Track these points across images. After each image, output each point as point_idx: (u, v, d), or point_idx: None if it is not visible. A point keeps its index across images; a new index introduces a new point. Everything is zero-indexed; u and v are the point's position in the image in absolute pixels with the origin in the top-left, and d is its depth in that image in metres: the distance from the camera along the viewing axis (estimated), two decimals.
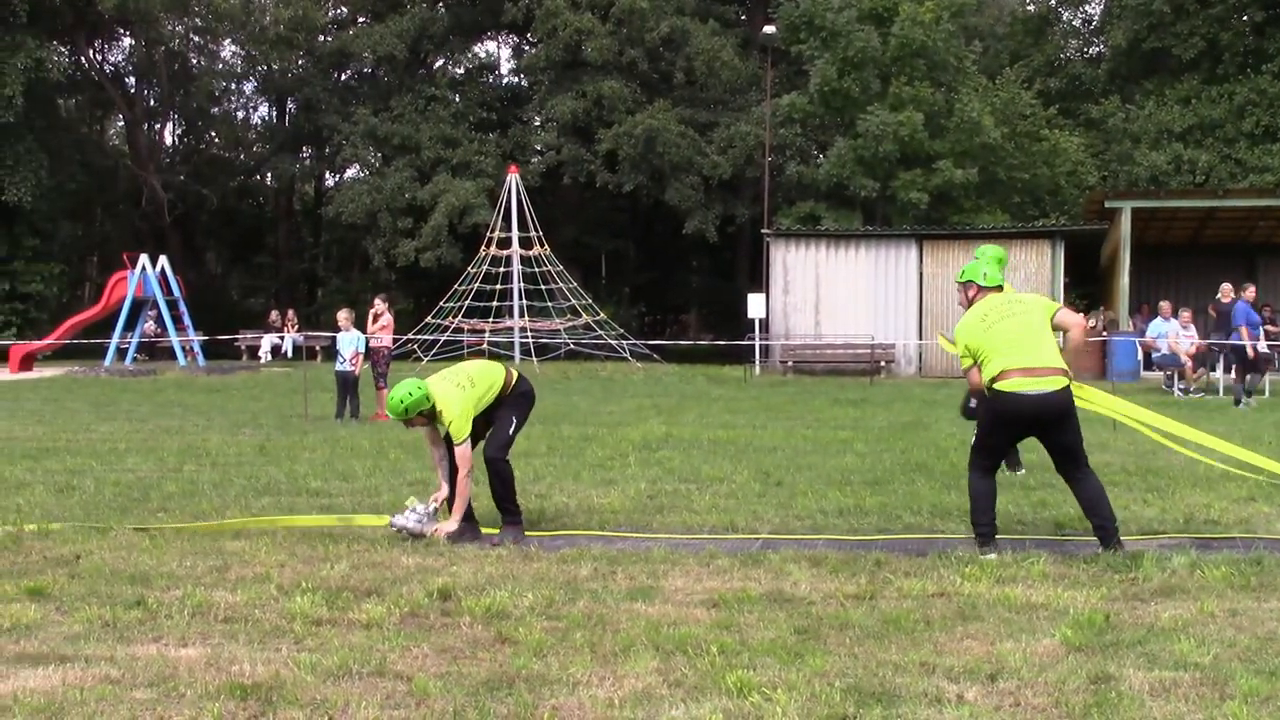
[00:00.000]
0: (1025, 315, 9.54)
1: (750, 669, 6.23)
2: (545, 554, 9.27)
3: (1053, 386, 9.25)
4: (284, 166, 59.47)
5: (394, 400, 10.00)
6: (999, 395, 9.30)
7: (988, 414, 9.56)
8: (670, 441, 17.16)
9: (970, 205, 45.24)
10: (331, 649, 6.66)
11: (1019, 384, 9.22)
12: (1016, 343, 9.42)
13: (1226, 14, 49.03)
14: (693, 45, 50.36)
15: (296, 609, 7.51)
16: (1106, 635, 6.93)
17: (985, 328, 9.55)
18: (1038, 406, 9.25)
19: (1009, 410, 9.32)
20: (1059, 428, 9.39)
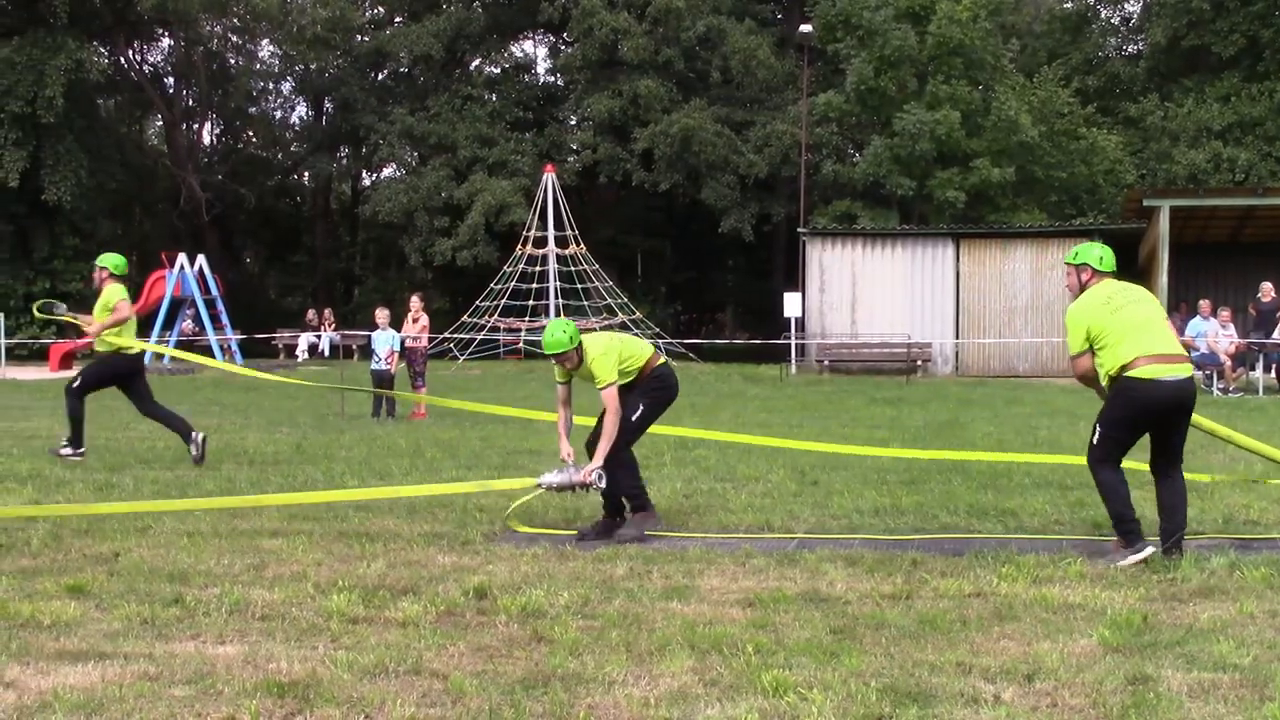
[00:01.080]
0: (1149, 303, 9.28)
1: (786, 668, 6.21)
2: (581, 553, 9.27)
3: (1187, 373, 9.03)
4: (321, 166, 59.75)
5: (556, 336, 10.11)
6: (1136, 383, 8.91)
7: (1120, 404, 9.04)
8: (707, 442, 17.13)
9: (1007, 204, 45.12)
10: (368, 647, 6.67)
11: (1157, 370, 8.89)
12: (1146, 328, 9.10)
13: (1267, 11, 48.72)
14: (729, 44, 50.37)
15: (333, 607, 7.52)
16: (1144, 636, 6.89)
17: (1111, 310, 9.13)
18: (1177, 394, 8.96)
19: (1148, 398, 8.93)
20: (1183, 419, 9.17)
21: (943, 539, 9.92)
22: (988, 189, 44.35)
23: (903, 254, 36.84)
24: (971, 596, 7.92)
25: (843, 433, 18.46)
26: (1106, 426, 9.10)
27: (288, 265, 66.72)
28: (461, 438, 17.83)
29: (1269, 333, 29.95)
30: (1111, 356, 9.00)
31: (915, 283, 36.67)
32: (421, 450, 16.07)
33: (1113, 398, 9.07)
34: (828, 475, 13.45)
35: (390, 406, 21.67)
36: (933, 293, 36.53)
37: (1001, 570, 8.48)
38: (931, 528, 10.44)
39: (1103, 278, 9.39)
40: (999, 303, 36.07)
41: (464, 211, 50.27)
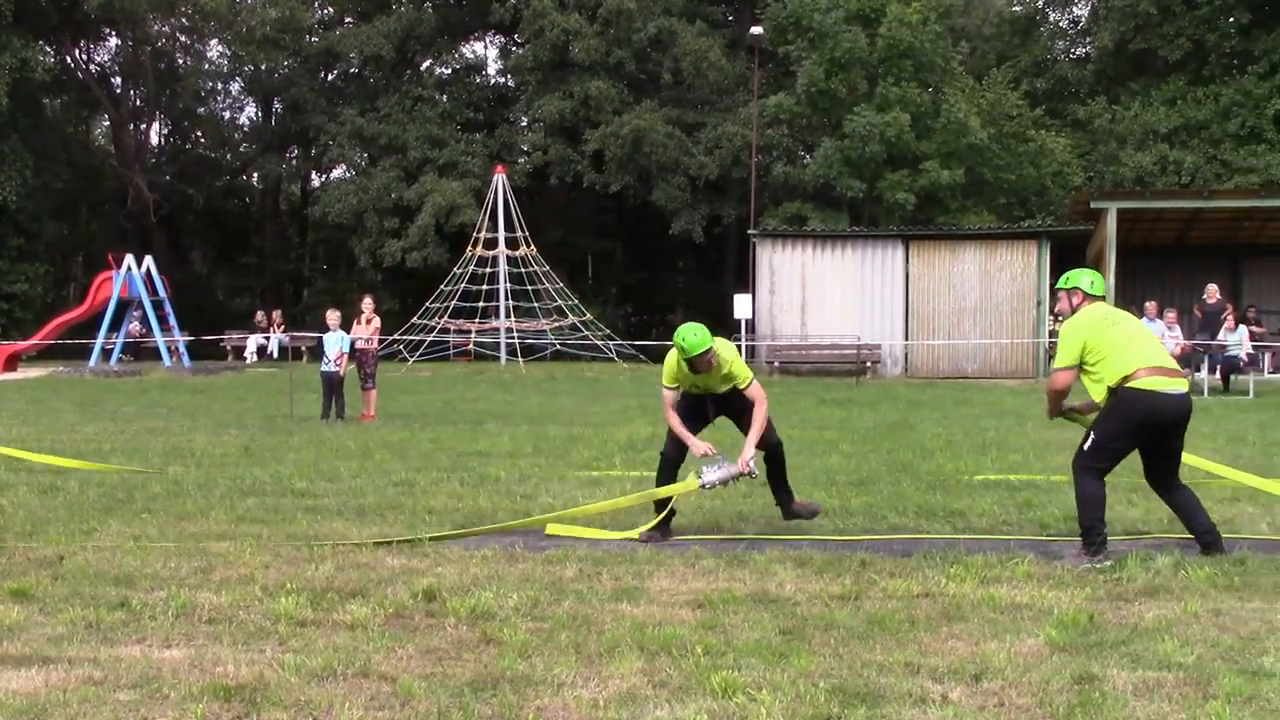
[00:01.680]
0: (1139, 323, 9.48)
1: (735, 669, 6.22)
2: (530, 555, 9.26)
3: (1185, 388, 9.14)
4: (270, 166, 59.45)
5: (693, 337, 10.04)
6: (1138, 394, 8.96)
7: (1119, 415, 9.06)
8: (656, 442, 17.13)
9: (957, 206, 45.33)
10: (316, 650, 6.64)
11: (1159, 383, 8.97)
12: (1143, 341, 9.25)
13: (1213, 15, 49.16)
14: (680, 46, 50.37)
15: (281, 610, 7.49)
16: (1090, 635, 6.94)
17: (1109, 324, 9.26)
18: (1177, 408, 9.05)
19: (1150, 409, 8.99)
20: (1181, 432, 9.26)
21: (891, 540, 9.97)
22: (937, 191, 44.55)
23: (852, 256, 36.94)
24: (920, 597, 7.96)
25: (792, 434, 18.49)
26: (1104, 436, 9.13)
27: (236, 266, 66.34)
28: (411, 440, 17.78)
29: (1214, 334, 30.20)
30: (1111, 368, 9.05)
31: (865, 284, 36.77)
32: (370, 452, 16.02)
33: (1113, 408, 9.08)
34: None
35: (339, 408, 21.59)
36: (882, 294, 36.63)
37: (950, 571, 8.53)
38: (880, 528, 10.49)
39: (1093, 301, 9.51)
40: (948, 304, 36.21)
41: (414, 213, 50.11)
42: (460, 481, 13.19)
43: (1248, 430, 18.81)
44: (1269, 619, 7.34)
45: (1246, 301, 36.97)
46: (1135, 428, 9.07)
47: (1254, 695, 5.84)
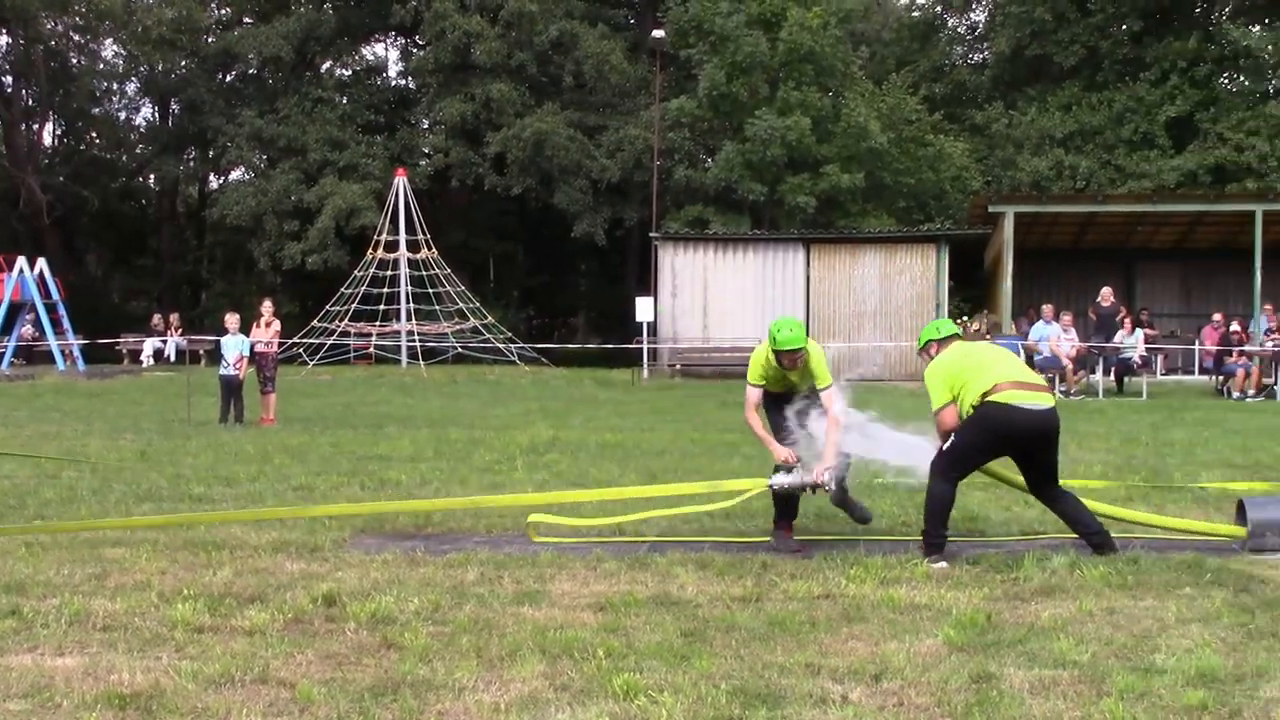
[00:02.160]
0: (996, 348, 9.61)
1: (637, 672, 6.23)
2: (431, 559, 9.21)
3: (1049, 403, 9.25)
4: (167, 168, 58.67)
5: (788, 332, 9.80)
6: (994, 407, 9.08)
7: (976, 426, 9.16)
8: (558, 445, 17.14)
9: (857, 209, 45.67)
10: (213, 656, 6.57)
11: (1015, 396, 9.11)
12: (1003, 361, 9.45)
13: (1106, 23, 49.98)
14: (582, 49, 50.32)
15: (178, 616, 7.40)
16: (988, 635, 7.02)
17: (965, 353, 9.52)
18: (1035, 422, 9.15)
19: (1003, 422, 9.10)
20: (1048, 446, 9.37)
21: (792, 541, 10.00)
22: (838, 194, 44.85)
23: (754, 259, 37.10)
24: (820, 598, 8.01)
25: (694, 436, 18.55)
26: (962, 444, 9.25)
27: (132, 269, 65.40)
28: (311, 443, 17.64)
29: (1109, 336, 30.66)
30: (972, 390, 9.20)
31: (766, 287, 36.93)
32: (270, 456, 15.87)
33: (973, 420, 9.20)
34: (679, 479, 13.49)
35: (238, 412, 21.39)
36: (783, 297, 36.80)
37: (849, 572, 8.59)
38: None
39: (949, 342, 9.72)
40: (848, 307, 36.47)
41: (314, 215, 49.68)
42: (360, 485, 13.12)
43: (1141, 431, 19.11)
44: (1161, 616, 7.47)
45: (1140, 304, 37.53)
46: (993, 439, 9.22)
47: (1146, 692, 5.93)
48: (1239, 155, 45.97)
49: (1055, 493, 9.50)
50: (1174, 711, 5.69)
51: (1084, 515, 9.40)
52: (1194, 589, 8.20)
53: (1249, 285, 34.00)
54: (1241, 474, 14.03)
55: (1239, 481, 13.20)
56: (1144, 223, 38.21)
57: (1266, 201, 35.54)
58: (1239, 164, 45.94)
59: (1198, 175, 46.22)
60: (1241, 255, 34.86)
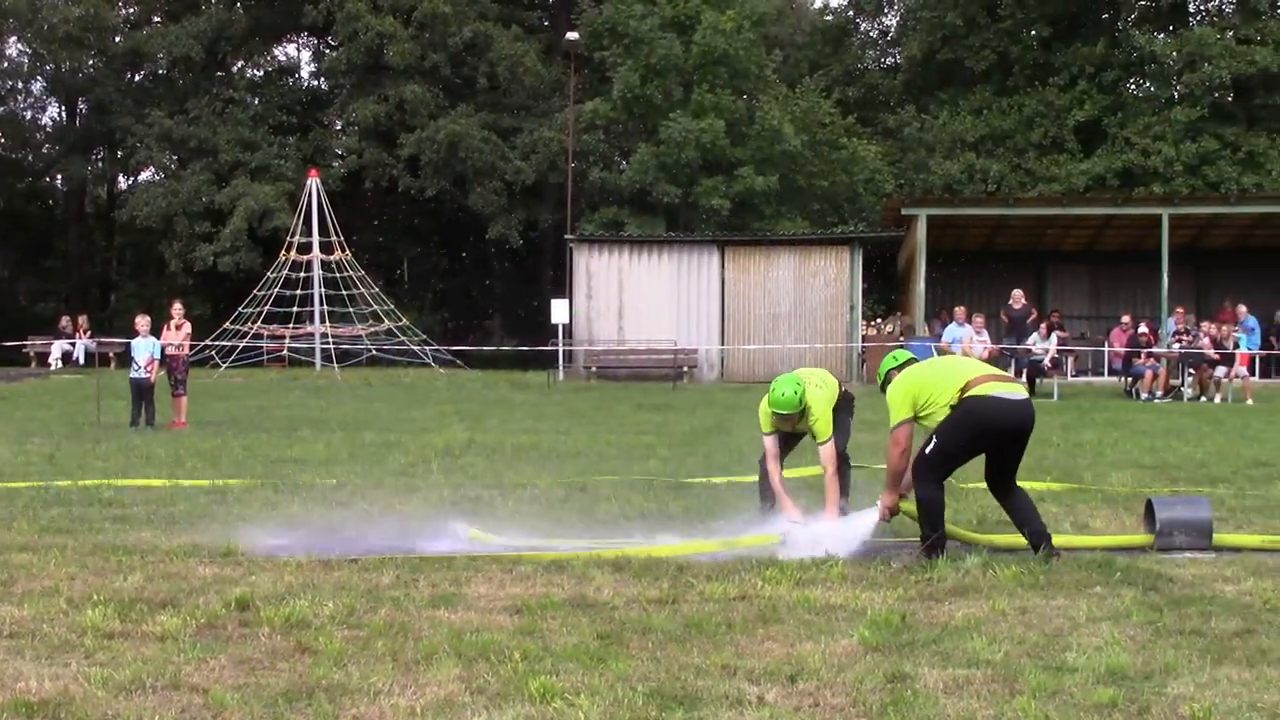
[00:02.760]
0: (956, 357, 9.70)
1: (553, 675, 6.21)
2: (346, 562, 9.14)
3: (1025, 394, 9.33)
4: (75, 169, 57.91)
5: (788, 394, 9.90)
6: (975, 400, 9.09)
7: (960, 423, 9.15)
8: (474, 448, 17.09)
9: (771, 212, 45.88)
10: (124, 662, 6.48)
11: (995, 388, 9.14)
12: (969, 364, 9.62)
13: (1016, 28, 50.60)
14: (496, 50, 50.22)
15: (87, 622, 7.29)
16: (903, 635, 7.06)
17: (927, 367, 9.63)
18: (1016, 413, 9.19)
19: (987, 414, 9.12)
20: (1023, 439, 9.42)
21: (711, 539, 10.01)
22: (752, 197, 45.03)
23: (669, 261, 37.14)
24: (736, 599, 8.02)
25: (610, 439, 18.55)
26: (947, 443, 9.24)
27: (40, 270, 64.42)
28: (224, 447, 17.47)
29: (1021, 338, 30.97)
30: (942, 396, 9.22)
31: (681, 289, 36.98)
32: (181, 460, 15.70)
33: (956, 418, 9.19)
34: (595, 481, 13.50)
35: (149, 415, 21.14)
36: (698, 299, 36.87)
37: (765, 573, 8.61)
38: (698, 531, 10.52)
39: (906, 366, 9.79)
40: (763, 309, 36.59)
41: (226, 216, 49.25)
42: (274, 489, 13.00)
43: (1052, 432, 19.30)
44: (1072, 615, 7.55)
45: (1050, 306, 37.98)
46: (978, 433, 9.23)
47: (1058, 690, 5.99)
48: (1146, 159, 46.68)
49: (1013, 489, 9.56)
50: (1085, 709, 5.75)
51: (1033, 516, 9.46)
52: (1104, 588, 8.29)
53: (1157, 288, 34.51)
54: (1149, 474, 14.23)
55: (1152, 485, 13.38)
56: (1054, 226, 38.67)
57: (1173, 205, 36.16)
58: (1146, 168, 46.65)
59: (1106, 179, 46.88)
60: (1149, 258, 35.35)
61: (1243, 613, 7.60)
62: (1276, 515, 11.36)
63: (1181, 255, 36.69)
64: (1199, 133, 46.88)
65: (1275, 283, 38.76)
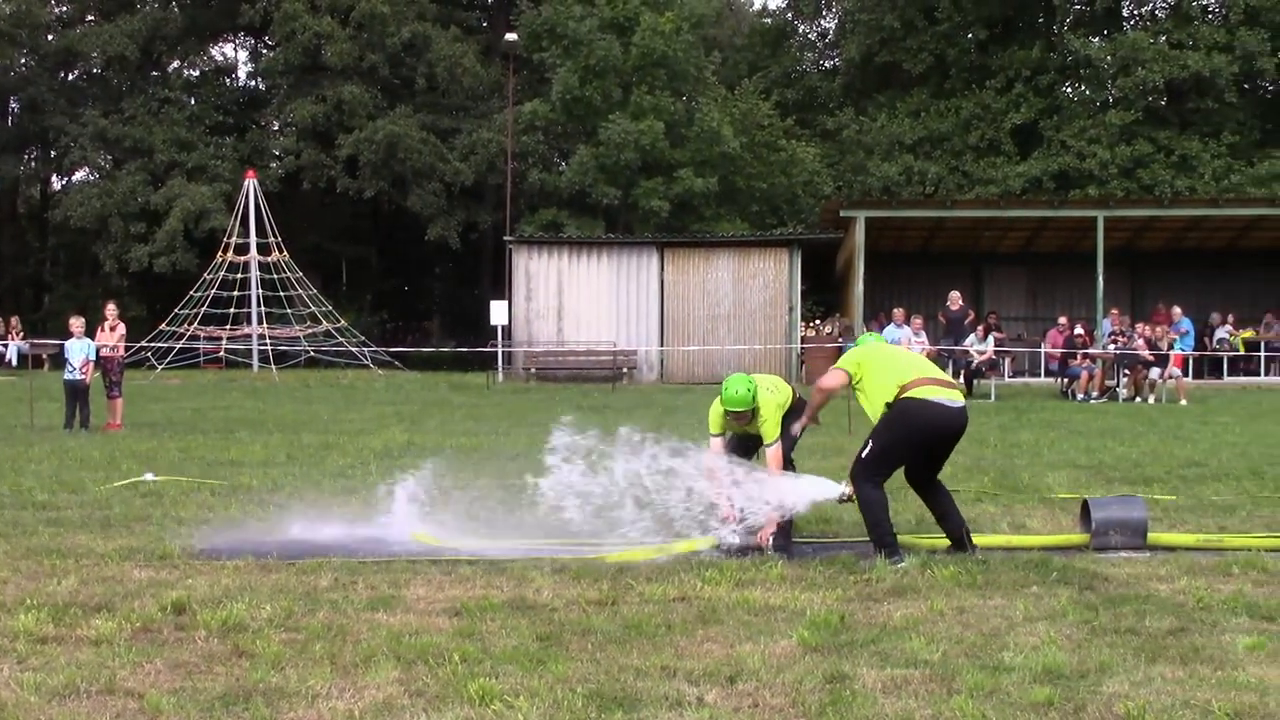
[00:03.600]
0: (911, 352, 9.77)
1: (492, 677, 6.19)
2: (284, 565, 9.07)
3: (962, 400, 9.38)
4: (6, 168, 57.24)
5: (740, 392, 9.76)
6: (912, 403, 9.15)
7: (896, 424, 9.22)
8: (413, 450, 17.02)
9: (710, 213, 45.98)
10: (58, 667, 6.41)
11: (933, 392, 9.20)
12: (920, 362, 9.72)
13: (953, 31, 50.92)
14: (434, 51, 50.11)
15: (20, 627, 7.21)
16: (842, 635, 7.08)
17: (884, 347, 9.81)
18: (952, 420, 9.28)
19: (924, 418, 9.19)
20: (953, 443, 9.54)
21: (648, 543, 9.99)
22: (691, 199, 45.13)
23: (608, 262, 37.15)
24: (676, 601, 8.03)
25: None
26: (884, 445, 9.30)
27: None
28: (159, 449, 17.32)
29: (958, 339, 31.15)
30: (887, 381, 9.29)
31: (620, 291, 37.00)
32: (117, 462, 15.55)
33: (893, 419, 9.25)
34: (535, 483, 13.45)
35: (84, 417, 20.94)
36: (637, 301, 36.90)
37: (705, 574, 8.62)
38: (637, 533, 10.50)
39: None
40: (702, 310, 36.65)
41: (162, 217, 48.90)
42: (211, 491, 12.90)
43: (989, 433, 19.42)
44: (1009, 615, 7.60)
45: (987, 308, 38.20)
46: (913, 435, 9.29)
47: (995, 689, 6.03)
48: (1081, 162, 47.11)
49: (936, 486, 9.63)
50: (1021, 708, 5.79)
51: (952, 512, 9.54)
52: (1041, 588, 8.35)
53: (1092, 289, 34.79)
54: (1085, 474, 14.33)
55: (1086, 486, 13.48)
56: (991, 228, 38.92)
57: (1108, 208, 36.48)
58: (1081, 171, 47.08)
59: (1042, 181, 47.28)
60: (1085, 260, 35.64)
61: (1176, 611, 7.67)
62: (1209, 515, 11.47)
63: (1117, 257, 37.01)
64: (1133, 136, 47.38)
65: (1207, 285, 39.23)
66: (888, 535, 9.23)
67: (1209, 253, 40.00)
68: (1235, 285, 39.48)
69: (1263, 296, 38.91)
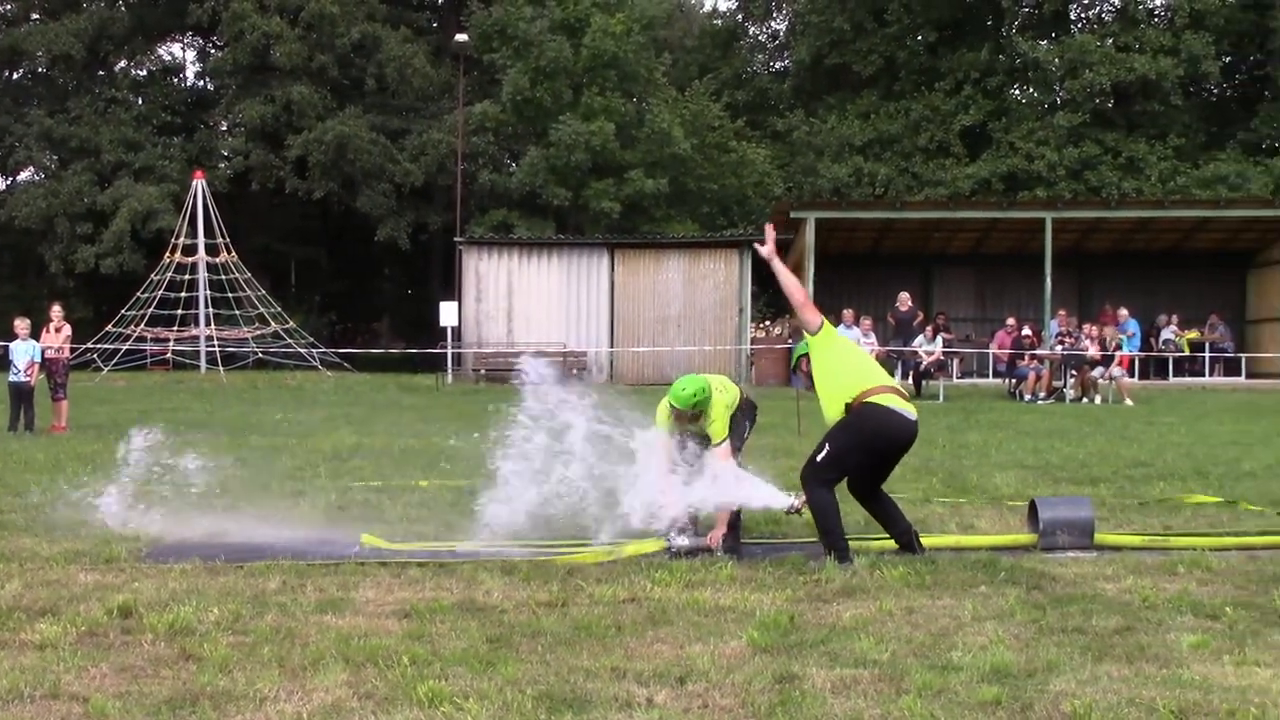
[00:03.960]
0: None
1: (442, 679, 6.17)
2: (232, 568, 9.02)
3: (915, 413, 9.40)
4: None
5: (686, 391, 9.68)
6: (874, 408, 9.18)
7: (855, 428, 9.22)
8: (362, 451, 16.95)
9: (661, 214, 46.03)
10: (1, 672, 6.35)
11: (894, 401, 9.24)
12: (877, 366, 9.73)
13: (902, 33, 51.18)
14: (384, 52, 49.97)
15: None
16: (791, 636, 7.09)
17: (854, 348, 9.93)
18: (908, 431, 9.30)
19: (883, 426, 9.22)
20: (902, 454, 9.59)
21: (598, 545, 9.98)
22: (642, 200, 45.15)
23: (558, 263, 37.12)
24: (626, 602, 8.02)
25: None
26: (840, 448, 9.30)
27: None
28: (105, 451, 17.15)
29: (907, 340, 31.28)
30: (848, 381, 9.31)
31: (571, 292, 36.98)
32: (61, 465, 15.41)
33: (851, 422, 9.27)
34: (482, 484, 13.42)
35: (29, 420, 20.76)
36: (588, 302, 36.89)
37: (655, 575, 8.61)
38: (589, 535, 10.49)
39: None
40: (652, 312, 36.67)
41: (108, 218, 48.56)
42: (160, 495, 12.79)
43: (938, 434, 19.50)
44: (957, 615, 7.63)
45: (936, 309, 38.37)
46: (871, 441, 9.31)
47: (943, 689, 6.05)
48: (1030, 164, 47.43)
49: (880, 494, 9.67)
50: (970, 707, 5.81)
51: (899, 517, 9.58)
52: (989, 587, 8.38)
53: (1040, 290, 34.99)
54: (1033, 475, 14.41)
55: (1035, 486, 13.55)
56: (940, 229, 39.08)
57: (1056, 209, 36.74)
58: (1030, 172, 47.39)
59: (991, 183, 47.56)
60: (1033, 261, 35.84)
61: (1122, 610, 7.72)
62: (1155, 514, 11.56)
63: (1064, 259, 37.24)
64: (1081, 138, 47.75)
65: (1154, 286, 39.52)
66: (839, 539, 9.23)
67: (1155, 254, 40.31)
68: (1181, 287, 39.80)
69: (1208, 298, 39.26)
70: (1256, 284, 39.54)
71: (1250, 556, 9.45)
